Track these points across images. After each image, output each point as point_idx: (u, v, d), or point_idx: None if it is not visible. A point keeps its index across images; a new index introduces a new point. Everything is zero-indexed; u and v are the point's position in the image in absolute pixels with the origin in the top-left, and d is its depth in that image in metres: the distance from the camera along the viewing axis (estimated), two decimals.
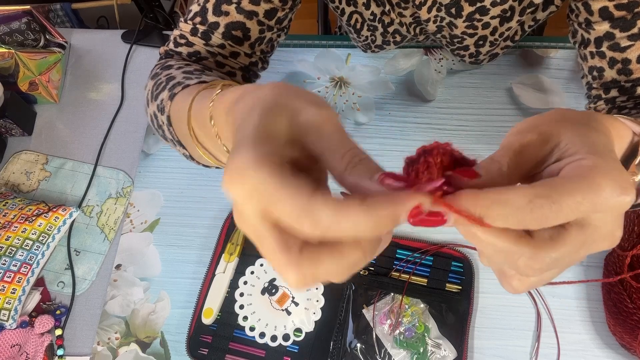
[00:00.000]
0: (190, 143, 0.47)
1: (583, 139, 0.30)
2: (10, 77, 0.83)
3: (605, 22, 0.53)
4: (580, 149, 0.29)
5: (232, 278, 0.71)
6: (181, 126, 0.46)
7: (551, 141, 0.30)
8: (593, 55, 0.56)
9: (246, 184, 0.25)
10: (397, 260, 0.71)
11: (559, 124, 0.31)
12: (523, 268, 0.28)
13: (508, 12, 0.64)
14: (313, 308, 0.68)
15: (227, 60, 0.60)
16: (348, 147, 0.27)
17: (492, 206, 0.26)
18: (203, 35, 0.59)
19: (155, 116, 0.53)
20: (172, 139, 0.51)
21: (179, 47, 0.60)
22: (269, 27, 0.60)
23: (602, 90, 0.57)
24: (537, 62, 0.85)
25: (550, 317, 0.68)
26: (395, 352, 0.65)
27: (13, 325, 0.68)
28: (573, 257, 0.28)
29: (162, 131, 0.53)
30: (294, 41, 0.90)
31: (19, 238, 0.71)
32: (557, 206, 0.26)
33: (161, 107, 0.50)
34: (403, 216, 0.24)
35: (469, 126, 0.80)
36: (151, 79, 0.56)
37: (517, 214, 0.26)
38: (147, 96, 0.55)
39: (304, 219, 0.24)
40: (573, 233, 0.28)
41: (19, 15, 0.84)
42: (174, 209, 0.78)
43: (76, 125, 0.86)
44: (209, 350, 0.67)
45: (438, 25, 0.69)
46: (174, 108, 0.48)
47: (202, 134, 0.43)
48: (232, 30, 0.58)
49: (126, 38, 0.93)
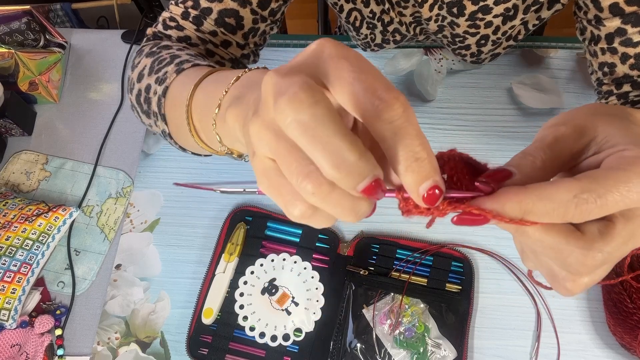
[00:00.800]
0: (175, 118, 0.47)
1: (622, 131, 0.30)
2: (10, 77, 0.83)
3: (616, 18, 0.53)
4: (621, 141, 0.29)
5: (232, 278, 0.71)
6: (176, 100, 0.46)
7: (587, 134, 0.30)
8: (604, 51, 0.56)
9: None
10: (397, 260, 0.71)
11: (593, 117, 0.31)
12: (575, 266, 0.28)
13: (511, 10, 0.64)
14: (313, 308, 0.68)
15: (218, 49, 0.59)
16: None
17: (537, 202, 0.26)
18: (195, 20, 0.57)
19: (147, 89, 0.51)
20: (157, 112, 0.50)
21: (169, 30, 0.59)
22: (262, 17, 0.60)
23: (613, 85, 0.57)
24: (537, 62, 0.85)
25: (550, 317, 0.68)
26: (395, 352, 0.65)
27: (13, 325, 0.68)
28: (622, 250, 0.28)
29: (147, 105, 0.52)
30: (294, 41, 0.90)
31: (19, 238, 0.71)
32: (602, 200, 0.26)
33: (162, 79, 0.49)
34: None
35: (469, 126, 0.80)
36: (147, 56, 0.54)
37: (562, 209, 0.26)
38: (142, 71, 0.53)
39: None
40: (620, 226, 0.28)
41: (19, 15, 0.83)
42: (174, 209, 0.78)
43: (76, 125, 0.86)
44: (209, 350, 0.67)
45: (439, 25, 0.69)
46: (177, 81, 0.47)
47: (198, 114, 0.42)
48: (225, 17, 0.57)
49: (126, 38, 0.92)
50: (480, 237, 0.72)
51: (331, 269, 0.71)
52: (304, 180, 0.25)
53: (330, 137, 0.24)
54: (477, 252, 0.72)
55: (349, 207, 0.26)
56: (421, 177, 0.25)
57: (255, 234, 0.73)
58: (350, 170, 0.24)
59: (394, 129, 0.24)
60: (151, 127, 0.55)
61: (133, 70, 0.56)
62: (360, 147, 0.24)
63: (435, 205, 0.25)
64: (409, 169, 0.25)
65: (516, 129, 0.79)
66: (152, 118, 0.52)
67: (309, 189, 0.25)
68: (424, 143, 0.25)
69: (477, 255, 0.72)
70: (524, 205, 0.26)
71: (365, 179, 0.24)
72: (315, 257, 0.72)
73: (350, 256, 0.71)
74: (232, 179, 0.79)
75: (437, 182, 0.25)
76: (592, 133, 0.30)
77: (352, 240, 0.73)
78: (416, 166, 0.25)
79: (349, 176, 0.24)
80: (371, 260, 0.71)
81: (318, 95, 0.24)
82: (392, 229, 0.74)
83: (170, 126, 0.49)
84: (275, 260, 0.71)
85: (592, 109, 0.32)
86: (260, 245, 0.72)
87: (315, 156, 0.24)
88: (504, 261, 0.71)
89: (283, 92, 0.24)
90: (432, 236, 0.73)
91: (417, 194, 0.25)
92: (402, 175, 0.25)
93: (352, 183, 0.24)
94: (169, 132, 0.50)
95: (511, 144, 0.78)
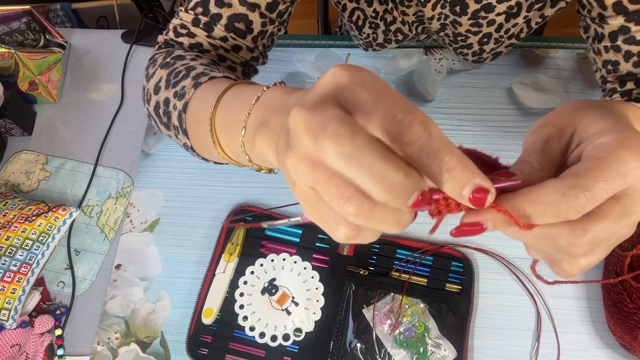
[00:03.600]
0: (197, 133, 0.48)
1: (597, 119, 0.30)
2: (10, 77, 0.83)
3: (619, 16, 0.53)
4: (595, 129, 0.30)
5: (232, 278, 0.71)
6: (197, 116, 0.47)
7: (567, 130, 0.31)
8: (607, 49, 0.56)
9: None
10: (397, 260, 0.71)
11: (571, 113, 0.32)
12: (567, 247, 0.29)
13: (514, 8, 0.64)
14: (313, 308, 0.68)
15: (229, 54, 0.60)
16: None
17: (528, 207, 0.27)
18: (205, 27, 0.58)
19: (166, 103, 0.52)
20: (178, 127, 0.50)
21: (180, 37, 0.59)
22: (270, 20, 0.60)
23: (617, 83, 0.58)
24: (537, 62, 0.85)
25: (550, 317, 0.68)
26: (395, 352, 0.65)
27: (13, 325, 0.68)
28: (615, 229, 0.29)
29: (167, 118, 0.52)
30: (294, 41, 0.90)
31: (19, 238, 0.71)
32: (590, 193, 0.27)
33: (181, 94, 0.49)
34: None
35: (469, 126, 0.80)
36: (161, 67, 0.55)
37: (554, 209, 0.27)
38: (158, 83, 0.54)
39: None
40: (608, 206, 0.28)
41: (19, 15, 0.84)
42: (174, 209, 0.78)
43: (76, 125, 0.86)
44: (209, 350, 0.67)
45: (442, 23, 0.69)
46: (197, 96, 0.47)
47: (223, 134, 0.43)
48: (235, 22, 0.58)
49: (126, 38, 0.93)
50: (480, 237, 0.72)
51: (331, 269, 0.71)
52: (345, 203, 0.26)
53: (375, 162, 0.25)
54: (477, 252, 0.72)
55: (392, 221, 0.27)
56: (459, 183, 0.26)
57: (255, 234, 0.73)
58: (399, 191, 0.25)
59: (419, 148, 0.26)
60: (171, 138, 0.56)
61: (148, 80, 0.57)
62: (403, 165, 0.26)
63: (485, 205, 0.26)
64: (444, 180, 0.26)
65: (516, 129, 0.79)
66: (173, 130, 0.53)
67: (352, 211, 0.26)
68: (452, 152, 0.26)
69: (477, 255, 0.72)
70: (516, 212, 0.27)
71: (413, 194, 0.26)
72: (315, 257, 0.72)
73: (350, 256, 0.71)
74: (232, 178, 0.79)
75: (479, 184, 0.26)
76: (571, 128, 0.31)
77: None
78: (449, 177, 0.26)
79: (399, 196, 0.25)
80: (371, 260, 0.71)
81: (356, 127, 0.26)
82: None
83: (193, 140, 0.50)
84: (275, 260, 0.71)
85: (570, 106, 0.33)
86: (260, 245, 0.72)
87: (363, 182, 0.26)
88: (504, 261, 0.71)
89: (323, 130, 0.26)
90: (432, 236, 0.73)
91: (464, 199, 0.26)
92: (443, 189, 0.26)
93: (402, 201, 0.26)
94: (191, 145, 0.51)
95: (511, 144, 0.78)
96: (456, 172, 0.25)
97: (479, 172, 0.26)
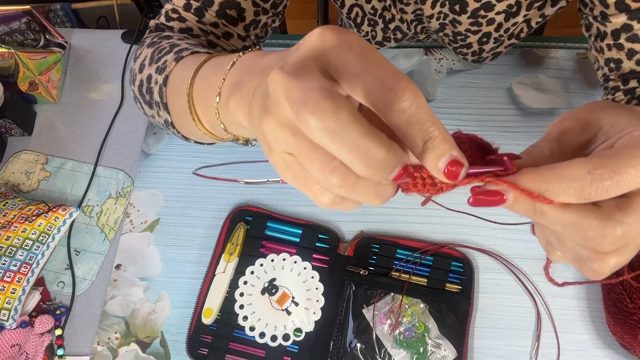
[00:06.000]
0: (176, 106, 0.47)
1: (629, 117, 0.30)
2: (10, 77, 0.83)
3: (622, 14, 0.53)
4: (629, 124, 0.30)
5: (232, 278, 0.71)
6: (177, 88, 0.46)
7: (591, 127, 0.31)
8: (610, 47, 0.56)
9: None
10: (397, 260, 0.71)
11: (597, 110, 0.32)
12: (597, 239, 0.28)
13: (514, 7, 0.64)
14: (313, 308, 0.68)
15: (219, 40, 0.59)
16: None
17: (552, 180, 0.27)
18: (196, 12, 0.58)
19: (148, 79, 0.51)
20: (159, 101, 0.50)
21: (171, 22, 0.59)
22: (263, 9, 0.60)
23: (620, 81, 0.58)
24: (537, 62, 0.85)
25: (550, 317, 0.68)
26: (395, 352, 0.65)
27: (13, 325, 0.68)
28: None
29: (149, 95, 0.52)
30: (294, 41, 0.90)
31: (19, 238, 0.71)
32: (618, 176, 0.26)
33: (162, 68, 0.49)
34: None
35: (469, 126, 0.80)
36: (148, 46, 0.55)
37: (577, 186, 0.27)
38: (143, 62, 0.54)
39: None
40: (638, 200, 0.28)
41: (19, 15, 0.84)
42: (174, 209, 0.78)
43: (76, 125, 0.86)
44: (209, 350, 0.67)
45: (441, 23, 0.69)
46: (177, 69, 0.47)
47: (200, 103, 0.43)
48: (227, 9, 0.57)
49: (126, 38, 0.92)
50: (480, 237, 0.72)
51: (331, 269, 0.71)
52: (330, 175, 0.26)
53: (357, 138, 0.25)
54: (477, 252, 0.72)
55: (374, 193, 0.27)
56: (437, 154, 0.26)
57: (255, 234, 0.73)
58: (381, 166, 0.25)
59: (406, 117, 0.25)
60: (154, 118, 0.55)
61: (135, 61, 0.56)
62: (386, 140, 0.25)
63: (459, 180, 0.26)
64: (424, 149, 0.26)
65: (516, 129, 0.79)
66: (155, 108, 0.52)
67: (336, 182, 0.26)
68: (436, 123, 0.26)
69: (477, 255, 0.72)
70: (538, 185, 0.27)
71: (395, 169, 0.26)
72: (315, 257, 0.72)
73: (350, 256, 0.71)
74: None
75: (455, 156, 0.26)
76: (597, 125, 0.31)
77: (352, 240, 0.73)
78: (430, 145, 0.26)
79: (381, 171, 0.25)
80: (371, 260, 0.71)
81: (340, 101, 0.25)
82: (392, 229, 0.74)
83: (173, 115, 0.50)
84: (275, 260, 0.71)
85: (595, 104, 0.33)
86: (260, 245, 0.72)
87: (345, 157, 0.25)
88: (504, 261, 0.71)
89: (305, 102, 0.25)
90: (432, 236, 0.73)
91: (438, 171, 0.26)
92: (420, 157, 0.26)
93: (384, 176, 0.26)
94: (171, 121, 0.51)
95: (511, 144, 0.78)
96: (437, 141, 0.26)
97: (456, 147, 0.26)
